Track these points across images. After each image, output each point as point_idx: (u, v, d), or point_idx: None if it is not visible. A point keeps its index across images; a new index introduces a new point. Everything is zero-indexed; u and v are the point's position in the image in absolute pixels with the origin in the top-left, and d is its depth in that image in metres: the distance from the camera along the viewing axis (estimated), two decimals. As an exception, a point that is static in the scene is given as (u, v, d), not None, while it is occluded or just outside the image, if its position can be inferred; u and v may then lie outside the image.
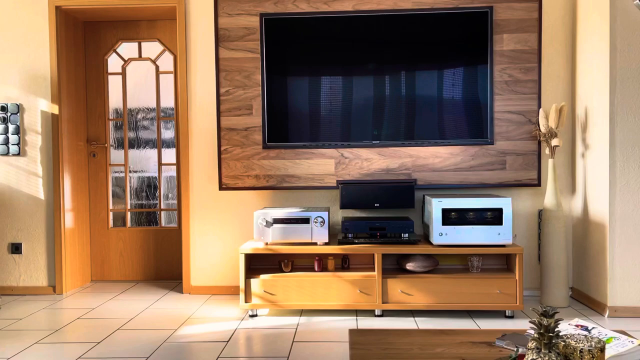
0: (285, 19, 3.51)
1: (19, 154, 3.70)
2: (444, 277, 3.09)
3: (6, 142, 3.69)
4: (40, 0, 3.69)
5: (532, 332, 1.56)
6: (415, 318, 3.09)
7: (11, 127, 3.69)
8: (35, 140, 3.72)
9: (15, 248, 3.73)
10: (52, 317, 3.18)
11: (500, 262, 3.37)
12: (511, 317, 3.08)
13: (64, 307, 3.38)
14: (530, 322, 1.20)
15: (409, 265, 3.14)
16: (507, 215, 3.06)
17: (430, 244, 3.17)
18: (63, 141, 3.74)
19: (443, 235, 3.08)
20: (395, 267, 3.35)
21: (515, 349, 1.35)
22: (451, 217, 3.09)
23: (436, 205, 3.10)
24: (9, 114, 3.69)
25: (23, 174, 3.72)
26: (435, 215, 3.09)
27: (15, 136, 3.69)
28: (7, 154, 3.70)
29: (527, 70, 3.46)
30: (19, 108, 3.70)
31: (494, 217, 3.07)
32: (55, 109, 3.69)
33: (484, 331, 1.57)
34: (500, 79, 3.47)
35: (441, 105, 3.46)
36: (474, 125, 3.45)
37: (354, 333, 1.51)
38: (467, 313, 3.18)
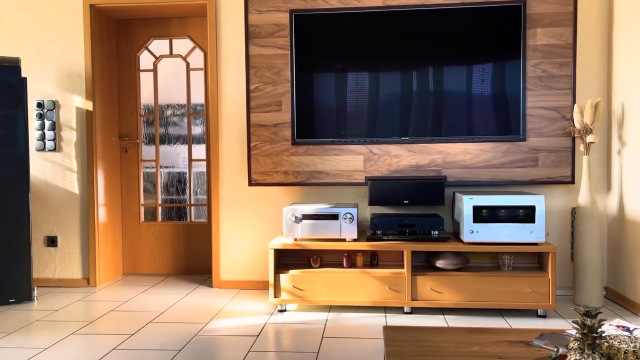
0: (315, 15, 3.51)
1: (54, 150, 3.80)
2: (474, 275, 3.06)
3: (42, 137, 3.79)
4: (75, -2, 3.77)
5: (571, 332, 1.53)
6: (445, 316, 3.06)
7: (47, 123, 3.79)
8: (70, 136, 3.80)
9: (51, 241, 3.83)
10: (87, 308, 3.26)
11: (532, 260, 3.32)
12: (543, 316, 3.03)
13: (98, 300, 3.46)
14: (573, 321, 1.18)
15: (439, 263, 3.12)
16: (540, 213, 3.01)
17: (461, 241, 3.14)
18: (97, 137, 3.82)
19: (474, 232, 3.05)
20: (424, 264, 3.33)
21: (555, 349, 1.33)
22: (482, 215, 3.05)
23: (467, 203, 3.06)
24: (45, 110, 3.79)
25: (59, 169, 3.81)
26: (466, 213, 3.06)
27: (52, 132, 3.78)
28: (43, 149, 3.79)
29: (561, 65, 3.39)
30: (54, 104, 3.79)
31: (526, 214, 3.02)
32: (89, 106, 3.77)
33: (521, 330, 1.55)
34: (533, 74, 3.41)
35: (471, 101, 3.42)
36: (505, 121, 3.40)
37: (389, 330, 1.50)
38: (498, 312, 3.15)
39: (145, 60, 4.15)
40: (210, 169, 3.75)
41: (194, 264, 4.16)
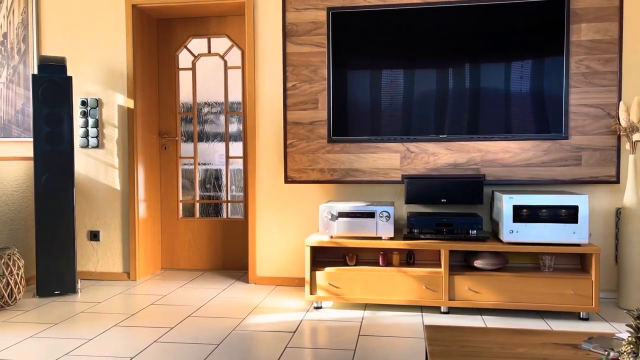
0: (352, 12, 3.50)
1: (97, 147, 3.91)
2: (513, 275, 3.00)
3: (86, 135, 3.90)
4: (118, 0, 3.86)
5: (621, 335, 1.49)
6: (483, 317, 3.02)
7: (91, 121, 3.90)
8: (112, 134, 3.90)
9: (94, 235, 3.94)
10: (128, 301, 3.34)
11: (573, 261, 3.24)
12: (586, 319, 2.95)
13: (138, 293, 3.55)
14: (627, 325, 1.15)
15: (477, 263, 3.07)
16: (583, 213, 2.93)
17: (500, 241, 3.09)
18: (137, 134, 3.91)
19: (513, 232, 2.99)
20: (462, 264, 3.29)
21: (605, 353, 1.29)
22: (522, 214, 2.99)
23: (507, 202, 3.01)
24: (89, 108, 3.90)
25: (101, 166, 3.92)
26: (506, 212, 3.00)
27: (95, 129, 3.89)
28: (87, 146, 3.91)
29: (606, 62, 3.29)
30: (98, 103, 3.90)
31: (568, 214, 2.94)
32: (130, 104, 3.87)
33: (567, 333, 1.51)
34: (576, 71, 3.32)
35: (511, 98, 3.35)
36: (546, 119, 3.32)
37: (431, 329, 1.49)
38: (538, 313, 3.08)
39: (184, 59, 4.22)
40: (247, 166, 3.80)
41: (230, 259, 4.21)
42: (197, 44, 4.20)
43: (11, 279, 3.19)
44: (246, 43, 3.74)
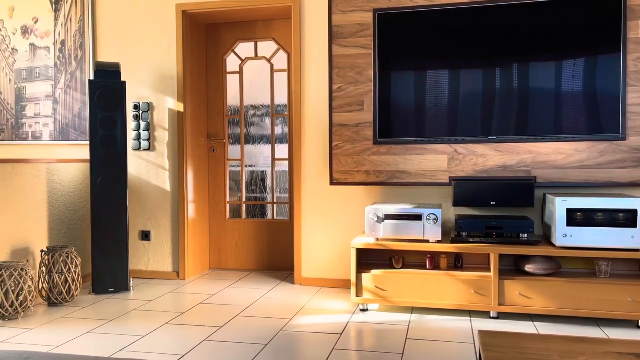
0: (399, 13, 3.48)
1: (149, 149, 4.03)
2: (567, 281, 2.90)
3: (138, 138, 4.03)
4: (169, 5, 3.97)
5: (688, 346, 1.42)
6: (535, 323, 2.94)
7: (143, 124, 4.02)
8: (163, 136, 4.02)
9: (145, 235, 4.07)
10: (178, 300, 3.43)
11: (632, 267, 3.11)
12: (645, 328, 2.82)
13: (187, 292, 3.63)
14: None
15: (529, 267, 2.99)
16: (642, 218, 2.81)
17: (552, 245, 3.00)
18: (187, 137, 4.01)
19: (567, 236, 2.90)
20: (512, 268, 3.21)
21: (672, 364, 1.23)
22: (576, 218, 2.89)
23: (560, 205, 2.92)
24: (141, 112, 4.02)
25: (152, 168, 4.04)
26: (559, 216, 2.91)
27: (146, 132, 4.02)
28: (139, 148, 4.04)
29: (667, 59, 3.14)
30: (149, 106, 4.02)
31: (626, 218, 2.83)
32: (180, 107, 3.97)
33: (630, 342, 1.45)
34: (635, 69, 3.19)
35: (562, 98, 3.25)
36: (601, 119, 3.20)
37: (485, 335, 1.46)
38: (593, 321, 2.97)
39: (231, 62, 4.30)
40: (293, 168, 3.83)
41: (276, 260, 4.26)
42: (245, 48, 4.27)
43: (69, 277, 3.33)
44: (292, 46, 3.78)
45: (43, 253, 3.36)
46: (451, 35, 3.40)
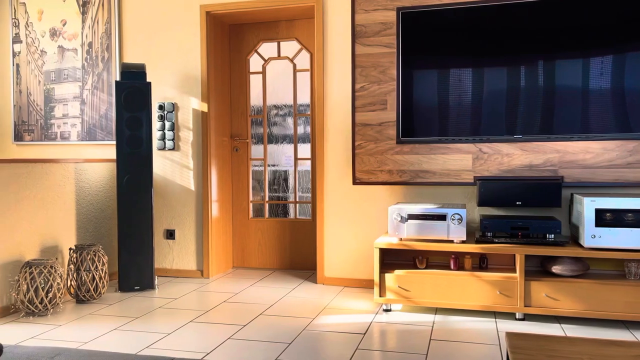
0: (422, 11, 3.45)
1: (173, 149, 4.08)
2: (595, 282, 2.85)
3: (163, 137, 4.08)
4: (193, 7, 4.01)
5: None
6: (562, 325, 2.88)
7: (167, 124, 4.07)
8: (187, 136, 4.06)
9: (170, 234, 4.12)
10: (202, 298, 3.47)
11: (663, 269, 3.03)
12: (677, 332, 2.75)
13: (211, 290, 3.67)
14: None
15: (556, 269, 2.94)
16: (674, 218, 2.73)
17: (580, 246, 2.94)
18: (211, 137, 4.04)
19: (596, 237, 2.84)
20: (538, 269, 3.16)
21: None
22: (605, 218, 2.83)
23: (588, 205, 2.86)
24: (165, 112, 4.07)
25: (177, 167, 4.09)
26: (587, 216, 2.85)
27: (171, 132, 4.07)
28: (163, 148, 4.09)
29: (700, 55, 3.06)
30: (174, 107, 4.07)
31: (658, 219, 2.76)
32: (204, 107, 4.01)
33: (663, 346, 1.42)
34: (666, 66, 3.10)
35: (590, 96, 3.18)
36: (631, 117, 3.12)
37: (513, 336, 1.44)
38: (622, 323, 2.91)
39: (254, 62, 4.33)
40: (315, 167, 3.83)
41: (298, 259, 4.27)
42: (267, 48, 4.29)
43: (96, 274, 3.39)
44: (315, 46, 3.78)
45: (71, 251, 3.43)
46: (475, 33, 3.36)
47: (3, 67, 4.53)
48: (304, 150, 4.26)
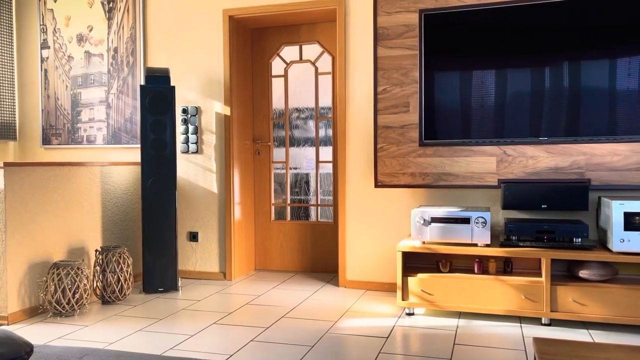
0: (445, 13, 3.43)
1: (196, 152, 4.12)
2: (624, 287, 2.78)
3: (186, 141, 4.12)
4: (216, 11, 4.05)
5: None
6: (590, 331, 2.83)
7: (191, 128, 4.12)
8: (210, 140, 4.10)
9: (193, 236, 4.16)
10: (225, 300, 3.49)
11: (695, 275, 2.95)
12: None
13: (234, 293, 3.69)
14: None
15: (583, 273, 2.88)
16: None
17: (608, 250, 2.88)
18: (233, 140, 4.07)
19: (624, 241, 2.78)
20: (564, 273, 3.11)
21: None
22: (635, 222, 2.77)
23: (617, 209, 2.80)
24: (189, 115, 4.12)
25: (200, 170, 4.13)
26: (616, 220, 2.79)
27: (194, 136, 4.11)
28: (187, 151, 4.13)
29: None
30: (197, 110, 4.11)
31: (690, 223, 2.68)
32: (227, 111, 4.04)
33: (698, 354, 1.37)
34: (698, 66, 3.02)
35: (618, 97, 3.11)
36: (663, 118, 3.05)
37: (541, 342, 1.41)
38: (653, 330, 2.83)
39: (276, 66, 4.35)
40: (337, 170, 3.83)
41: (320, 262, 4.27)
42: (289, 52, 4.31)
43: (121, 276, 3.44)
44: (337, 49, 3.78)
45: (97, 253, 3.49)
46: (499, 34, 3.32)
47: (32, 73, 4.64)
48: (326, 153, 4.26)
